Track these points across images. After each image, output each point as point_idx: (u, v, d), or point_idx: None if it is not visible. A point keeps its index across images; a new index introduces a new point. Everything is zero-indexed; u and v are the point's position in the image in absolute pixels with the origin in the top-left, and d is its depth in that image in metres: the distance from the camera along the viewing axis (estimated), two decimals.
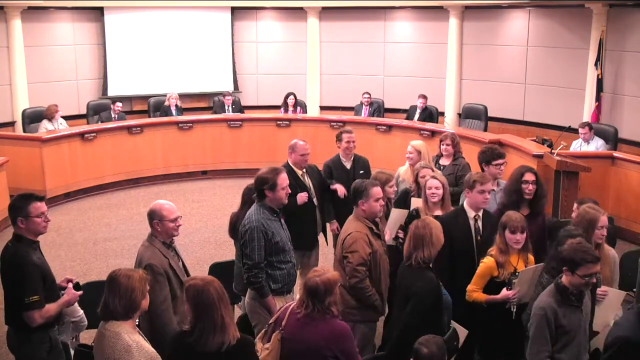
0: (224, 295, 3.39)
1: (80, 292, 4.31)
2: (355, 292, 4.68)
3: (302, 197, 6.02)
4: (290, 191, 4.78)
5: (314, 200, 6.20)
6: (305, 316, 3.66)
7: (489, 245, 4.81)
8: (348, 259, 4.70)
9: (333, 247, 5.54)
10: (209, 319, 3.32)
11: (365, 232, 4.73)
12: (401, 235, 5.37)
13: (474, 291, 4.68)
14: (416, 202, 5.58)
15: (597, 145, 9.35)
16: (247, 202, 5.19)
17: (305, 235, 6.02)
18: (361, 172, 6.70)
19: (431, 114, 11.81)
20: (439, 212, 5.24)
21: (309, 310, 3.64)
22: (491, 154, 6.06)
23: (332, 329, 3.64)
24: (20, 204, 4.16)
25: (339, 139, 6.80)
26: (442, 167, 6.88)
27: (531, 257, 4.78)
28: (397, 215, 5.48)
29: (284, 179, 4.68)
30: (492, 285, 4.67)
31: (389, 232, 5.36)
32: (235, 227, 5.31)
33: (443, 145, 6.98)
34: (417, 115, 11.72)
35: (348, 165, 6.76)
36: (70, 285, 4.30)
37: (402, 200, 5.85)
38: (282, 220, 4.80)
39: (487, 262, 4.67)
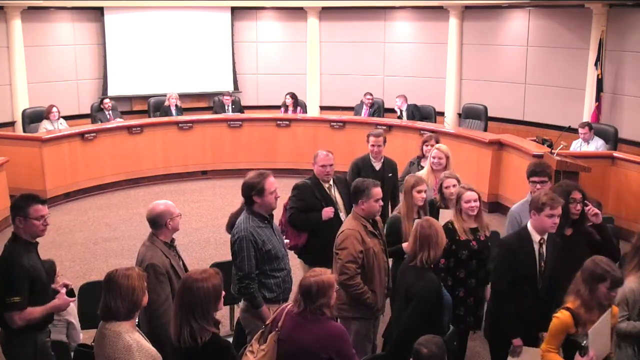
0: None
1: (73, 299, 4.27)
2: (345, 289, 4.62)
3: (327, 211, 5.69)
4: (279, 195, 4.65)
5: (341, 215, 5.75)
6: (300, 317, 3.65)
7: (553, 272, 4.44)
8: (338, 256, 4.69)
9: None
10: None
11: (358, 230, 4.69)
12: None
13: (549, 351, 3.94)
14: (447, 215, 5.31)
15: (597, 145, 9.35)
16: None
17: (329, 252, 5.40)
18: (390, 174, 6.59)
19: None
20: (473, 225, 5.08)
21: (300, 310, 3.64)
22: (532, 171, 5.47)
23: (328, 330, 3.64)
24: (22, 203, 4.15)
25: (367, 140, 6.72)
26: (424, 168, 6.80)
27: (615, 309, 4.00)
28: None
29: (271, 183, 4.56)
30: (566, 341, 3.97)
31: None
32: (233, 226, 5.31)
33: (427, 146, 6.90)
34: (404, 115, 11.81)
35: (377, 166, 6.62)
36: (64, 290, 4.24)
37: (430, 212, 5.49)
38: (275, 226, 4.70)
39: (562, 318, 3.89)
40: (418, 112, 11.90)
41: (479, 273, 5.06)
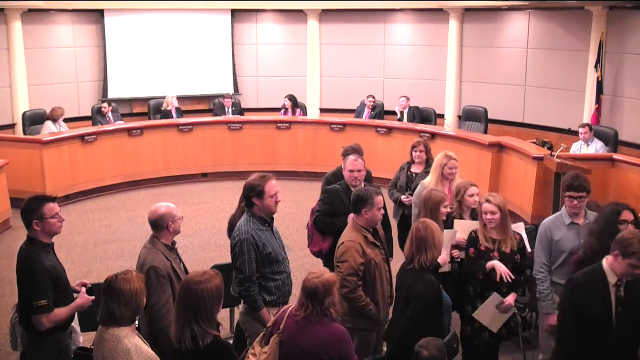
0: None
1: (92, 297, 4.29)
2: (347, 301, 4.53)
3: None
4: (279, 199, 4.63)
5: None
6: (304, 319, 3.65)
7: (633, 320, 3.89)
8: (339, 269, 4.58)
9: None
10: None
11: (359, 242, 4.59)
12: (456, 254, 5.14)
13: None
14: (463, 225, 5.21)
15: (596, 147, 9.35)
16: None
17: None
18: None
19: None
20: (497, 236, 4.95)
21: (308, 312, 3.63)
22: (568, 185, 5.01)
23: (330, 332, 3.64)
24: (34, 206, 4.17)
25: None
26: (414, 175, 6.76)
27: None
28: (448, 236, 5.07)
29: (272, 186, 4.54)
30: None
31: (445, 255, 4.80)
32: (232, 229, 5.33)
33: (416, 151, 6.78)
34: (405, 117, 11.80)
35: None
36: (84, 289, 4.29)
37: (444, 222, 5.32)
38: (275, 229, 4.70)
39: None
40: (419, 115, 11.90)
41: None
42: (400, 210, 6.80)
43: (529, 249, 5.14)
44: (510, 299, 4.84)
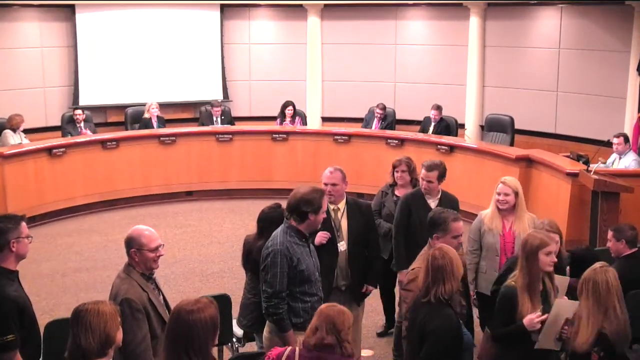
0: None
1: None
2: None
3: (319, 236, 5.43)
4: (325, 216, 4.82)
5: (340, 244, 5.56)
6: (317, 354, 3.69)
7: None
8: (405, 299, 4.72)
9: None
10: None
11: None
12: (565, 331, 4.45)
13: None
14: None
15: (628, 160, 9.24)
16: (264, 229, 5.25)
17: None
18: None
19: (448, 127, 11.81)
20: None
21: (319, 345, 3.68)
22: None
23: None
24: (11, 225, 4.20)
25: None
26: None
27: None
28: (562, 309, 4.45)
29: (326, 202, 4.80)
30: None
31: (536, 318, 4.39)
32: (247, 256, 5.43)
33: (397, 172, 6.61)
34: (431, 128, 11.75)
35: (432, 204, 6.08)
36: None
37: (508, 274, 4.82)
38: (312, 247, 4.84)
39: None
40: (447, 131, 11.69)
41: None
42: (389, 244, 6.40)
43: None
44: None
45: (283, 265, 4.57)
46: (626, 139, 9.46)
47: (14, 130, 10.87)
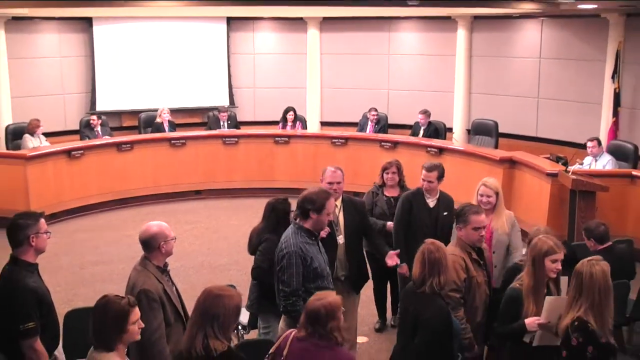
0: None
1: None
2: None
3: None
4: (332, 218, 4.80)
5: (339, 237, 5.59)
6: (308, 343, 3.65)
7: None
8: None
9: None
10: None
11: (462, 256, 4.73)
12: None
13: None
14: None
15: (603, 162, 9.28)
16: (264, 216, 5.45)
17: None
18: (445, 213, 6.06)
19: (437, 130, 11.82)
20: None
21: (310, 336, 3.64)
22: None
23: (338, 358, 3.65)
24: (30, 221, 4.23)
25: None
26: (392, 200, 6.51)
27: None
28: (553, 306, 4.30)
29: (332, 204, 4.75)
30: None
31: (535, 320, 4.33)
32: (250, 241, 5.57)
33: (388, 174, 6.59)
34: (421, 132, 11.76)
35: (431, 203, 6.14)
36: None
37: (511, 278, 4.72)
38: (320, 244, 4.83)
39: None
40: (436, 134, 11.73)
41: None
42: (383, 241, 6.12)
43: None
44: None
45: (298, 266, 4.57)
46: (599, 143, 9.49)
47: (32, 134, 10.87)
